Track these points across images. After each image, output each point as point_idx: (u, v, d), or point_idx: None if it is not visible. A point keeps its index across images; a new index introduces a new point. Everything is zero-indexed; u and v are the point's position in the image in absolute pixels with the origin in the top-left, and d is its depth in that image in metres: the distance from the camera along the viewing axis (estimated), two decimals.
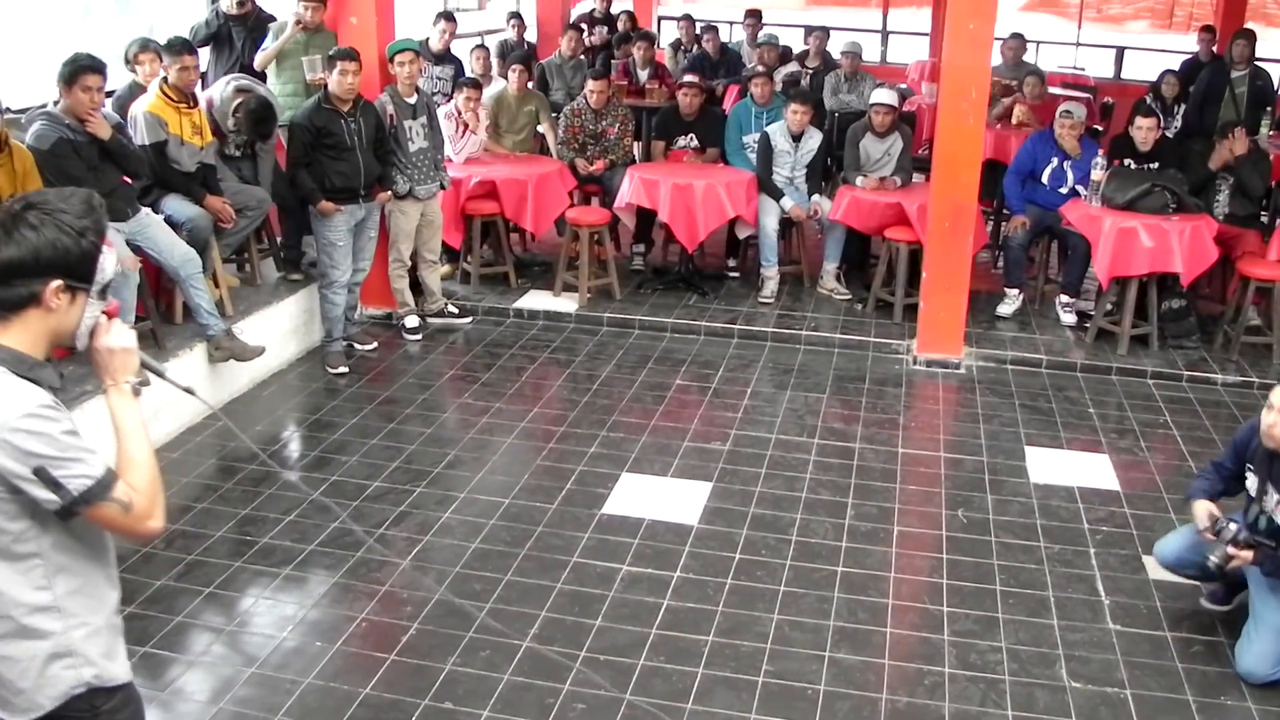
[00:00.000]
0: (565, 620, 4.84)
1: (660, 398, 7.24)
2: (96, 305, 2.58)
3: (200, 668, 4.54)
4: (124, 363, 2.62)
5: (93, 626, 2.63)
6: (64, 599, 2.57)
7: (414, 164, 7.83)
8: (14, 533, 2.47)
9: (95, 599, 2.65)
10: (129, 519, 2.51)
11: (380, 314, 8.36)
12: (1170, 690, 4.49)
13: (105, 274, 2.55)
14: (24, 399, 2.41)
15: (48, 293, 2.45)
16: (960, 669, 4.55)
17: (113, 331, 2.62)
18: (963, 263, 7.71)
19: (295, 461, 6.38)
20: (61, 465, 2.41)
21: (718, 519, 5.72)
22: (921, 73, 14.70)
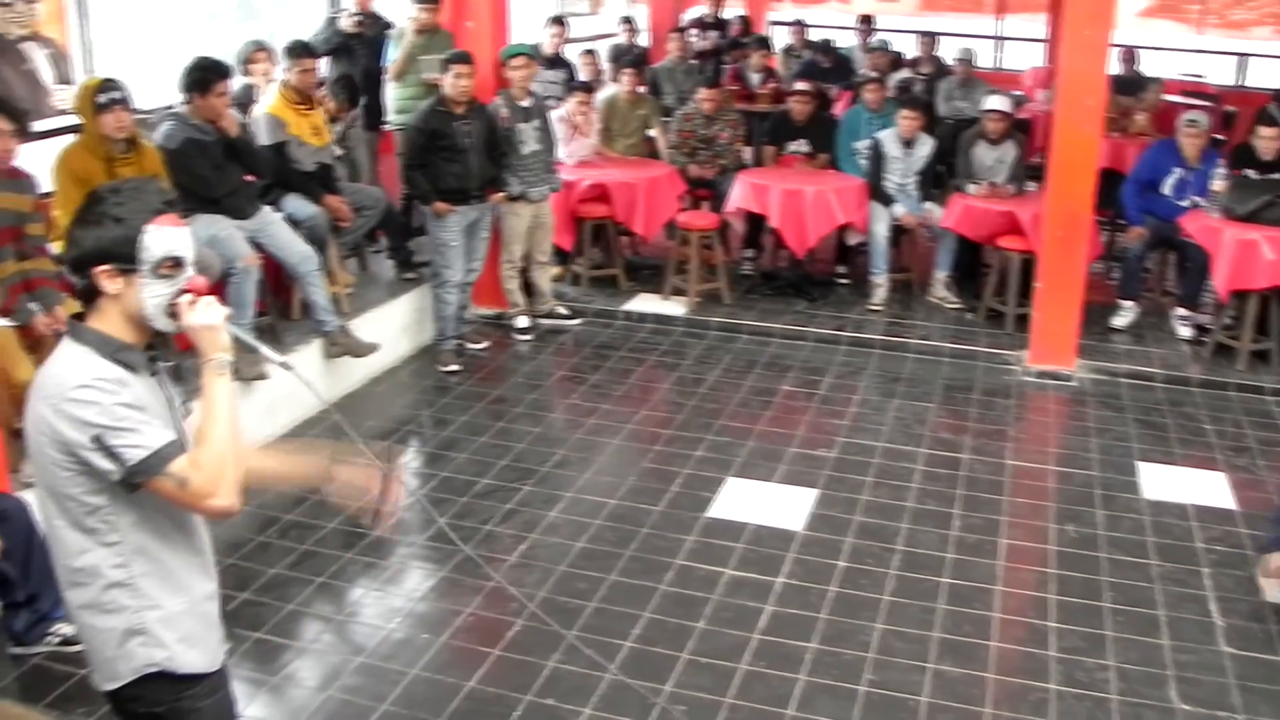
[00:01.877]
0: (668, 622, 4.87)
1: (767, 403, 7.24)
2: (162, 284, 2.61)
3: (310, 655, 4.65)
4: (210, 340, 2.66)
5: (168, 611, 2.69)
6: (139, 579, 2.65)
7: (527, 166, 7.93)
8: (93, 506, 2.58)
9: (174, 585, 2.71)
10: (187, 495, 2.55)
11: (491, 314, 8.48)
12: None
13: (153, 252, 2.57)
14: (82, 372, 2.53)
15: (99, 277, 2.57)
16: (1066, 686, 4.49)
17: (196, 310, 2.64)
18: (1077, 273, 7.59)
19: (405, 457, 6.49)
20: (117, 435, 2.49)
21: (823, 526, 5.71)
22: (1036, 79, 14.48)
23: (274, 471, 3.17)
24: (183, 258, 2.64)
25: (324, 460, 3.10)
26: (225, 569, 5.10)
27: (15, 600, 4.48)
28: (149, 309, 2.61)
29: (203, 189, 6.25)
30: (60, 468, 2.55)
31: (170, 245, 2.60)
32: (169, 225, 2.62)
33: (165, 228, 2.61)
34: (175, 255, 2.62)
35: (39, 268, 5.32)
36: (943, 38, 13.45)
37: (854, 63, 12.94)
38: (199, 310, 2.65)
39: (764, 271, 9.63)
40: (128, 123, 5.73)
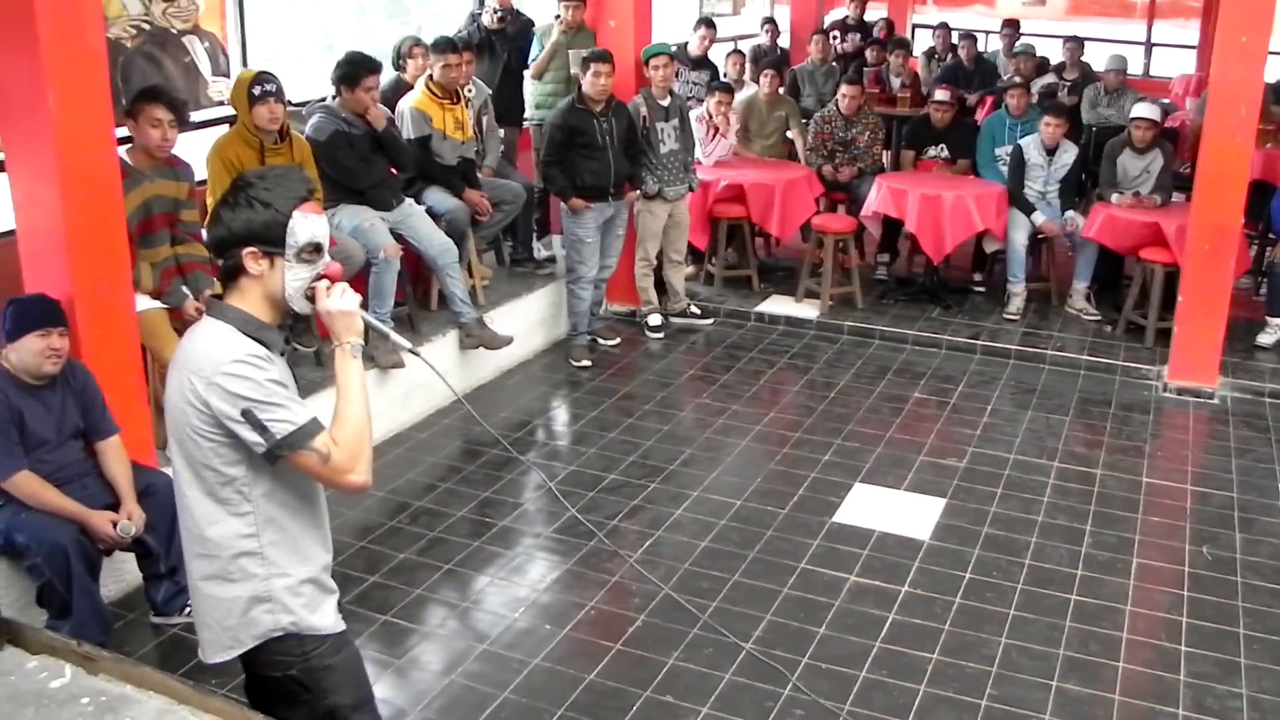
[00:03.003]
0: (789, 625, 4.87)
1: (898, 410, 7.19)
2: (304, 269, 2.74)
3: (435, 640, 4.76)
4: (345, 325, 2.78)
5: (294, 578, 2.83)
6: (268, 548, 2.79)
7: (664, 165, 7.98)
8: (230, 477, 2.72)
9: (300, 554, 2.85)
10: (327, 470, 2.69)
11: (624, 311, 8.55)
12: None
13: (298, 237, 2.70)
14: (235, 348, 2.66)
15: (245, 258, 2.70)
16: (1195, 712, 4.38)
17: (332, 295, 2.77)
18: (1223, 287, 7.38)
19: (535, 449, 6.59)
20: (266, 409, 2.63)
21: (950, 536, 5.65)
22: (1186, 87, 14.11)
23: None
24: (323, 244, 2.77)
25: None
26: (356, 552, 5.31)
27: (158, 572, 4.68)
28: (290, 291, 2.74)
29: (349, 180, 6.43)
30: (204, 438, 2.68)
31: (314, 232, 2.73)
32: (313, 213, 2.74)
33: (310, 215, 2.73)
34: (317, 241, 2.74)
35: (192, 252, 5.52)
36: (1089, 43, 13.15)
37: (998, 67, 12.74)
38: (335, 295, 2.78)
39: (899, 277, 9.56)
40: (280, 114, 5.91)
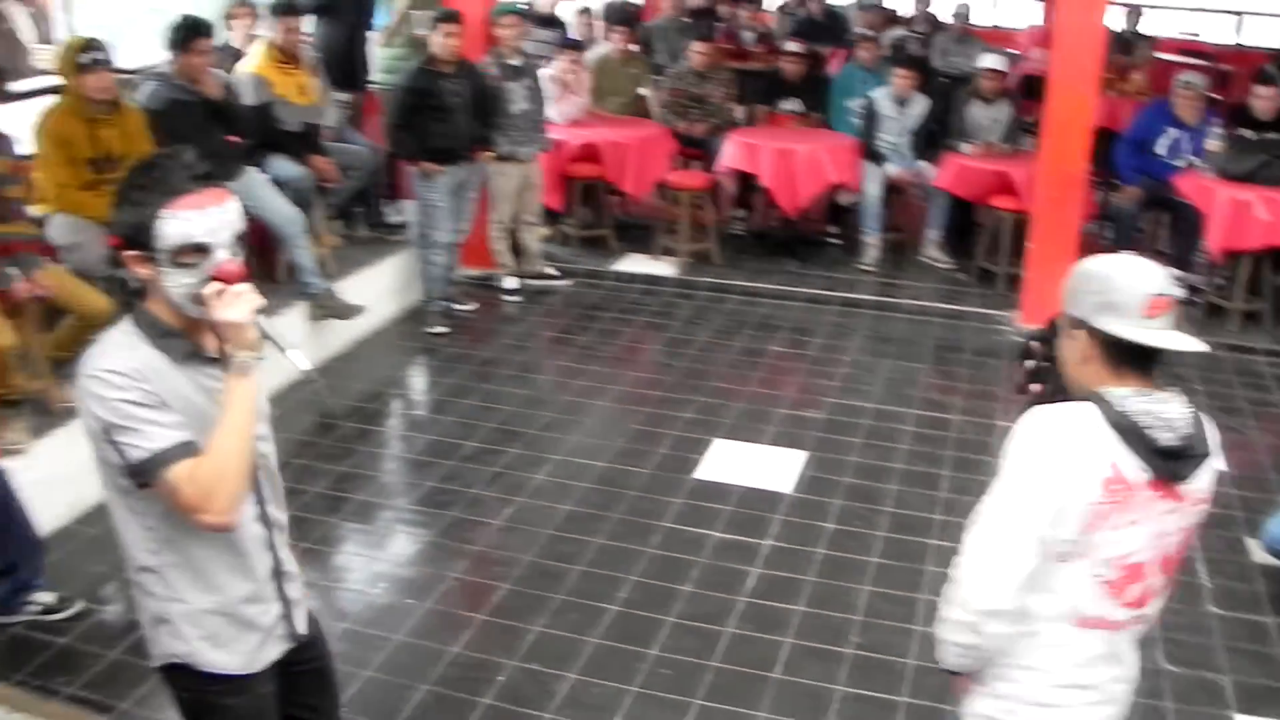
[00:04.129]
0: (654, 585, 4.84)
1: (757, 364, 7.20)
2: (182, 273, 2.38)
3: None
4: (235, 336, 2.41)
5: (194, 607, 2.57)
6: (168, 569, 2.53)
7: (516, 126, 7.84)
8: (126, 487, 2.45)
9: (204, 583, 2.56)
10: (179, 505, 2.39)
11: (479, 275, 8.40)
12: (1271, 677, 4.37)
13: (167, 240, 2.35)
14: (104, 359, 2.40)
15: (130, 263, 2.42)
16: None
17: (224, 301, 2.39)
18: (1070, 233, 7.52)
19: (392, 419, 6.45)
20: (120, 431, 2.35)
21: (811, 488, 5.68)
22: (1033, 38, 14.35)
23: None
24: (207, 244, 2.38)
25: None
26: None
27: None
28: (176, 299, 2.42)
29: None
30: (96, 439, 2.42)
31: (186, 231, 2.36)
32: (189, 209, 2.36)
33: (183, 212, 2.36)
34: (195, 242, 2.37)
35: (17, 231, 5.21)
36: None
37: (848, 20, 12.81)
38: (225, 303, 2.39)
39: (754, 231, 9.58)
40: (110, 83, 5.64)
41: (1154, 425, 2.24)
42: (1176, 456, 2.27)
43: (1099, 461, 2.25)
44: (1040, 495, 2.26)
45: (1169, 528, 2.33)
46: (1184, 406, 2.32)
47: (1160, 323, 2.28)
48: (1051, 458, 2.27)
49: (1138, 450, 2.25)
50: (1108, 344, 2.31)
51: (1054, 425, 2.31)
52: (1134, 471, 2.25)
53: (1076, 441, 2.26)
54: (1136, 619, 2.41)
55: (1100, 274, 2.33)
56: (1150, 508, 2.28)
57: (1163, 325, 2.29)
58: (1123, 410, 2.26)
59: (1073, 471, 2.25)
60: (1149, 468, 2.25)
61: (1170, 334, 2.30)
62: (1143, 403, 2.27)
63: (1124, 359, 2.31)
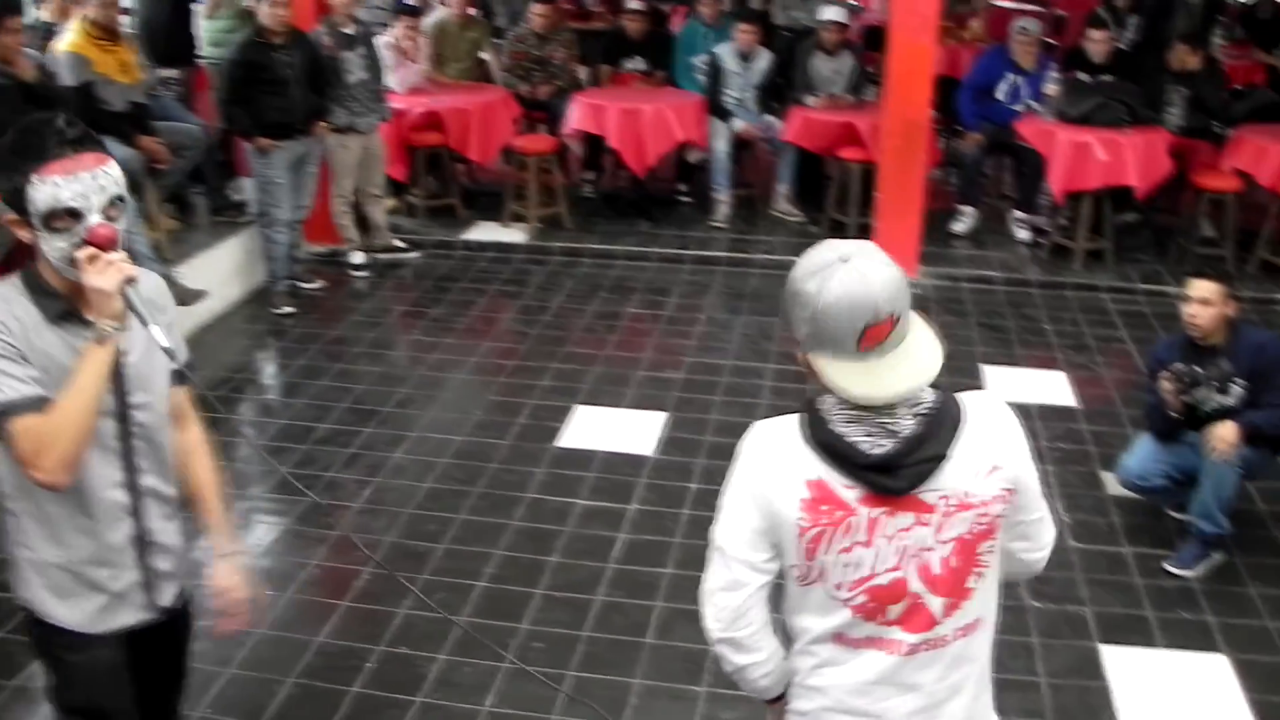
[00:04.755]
0: (521, 559, 4.76)
1: (613, 327, 7.14)
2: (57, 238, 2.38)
3: None
4: (99, 303, 2.39)
5: (39, 557, 2.59)
6: (21, 516, 2.58)
7: (353, 96, 7.62)
8: None
9: (54, 538, 2.58)
10: (14, 457, 2.41)
11: (325, 251, 8.18)
12: (1130, 606, 4.48)
13: (36, 204, 2.35)
14: None
15: (10, 226, 2.44)
16: None
17: (94, 268, 2.38)
18: (916, 181, 7.61)
19: (243, 406, 6.24)
20: None
21: (674, 449, 5.64)
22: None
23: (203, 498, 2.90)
24: (79, 208, 2.37)
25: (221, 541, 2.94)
26: None
27: None
28: (54, 262, 2.42)
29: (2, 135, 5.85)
30: None
31: (56, 196, 2.35)
32: (56, 174, 2.35)
33: (51, 177, 2.35)
34: (66, 206, 2.37)
35: None
36: None
37: None
38: (95, 269, 2.37)
39: (604, 193, 9.51)
40: None
41: (867, 433, 2.00)
42: (888, 468, 2.00)
43: (793, 483, 2.04)
44: (737, 522, 2.11)
45: (921, 543, 2.05)
46: (916, 403, 2.04)
47: (880, 351, 1.99)
48: (746, 481, 2.11)
49: (839, 465, 2.01)
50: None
51: (754, 443, 2.14)
52: (840, 488, 2.02)
53: (770, 461, 2.08)
54: (926, 642, 2.12)
55: (807, 300, 2.01)
56: (881, 526, 2.03)
57: (884, 351, 1.99)
58: (828, 419, 2.04)
59: (766, 495, 2.07)
60: (856, 483, 2.02)
61: (892, 369, 1.99)
62: (855, 410, 2.02)
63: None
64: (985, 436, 2.08)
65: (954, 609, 2.11)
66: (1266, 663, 4.20)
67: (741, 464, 2.14)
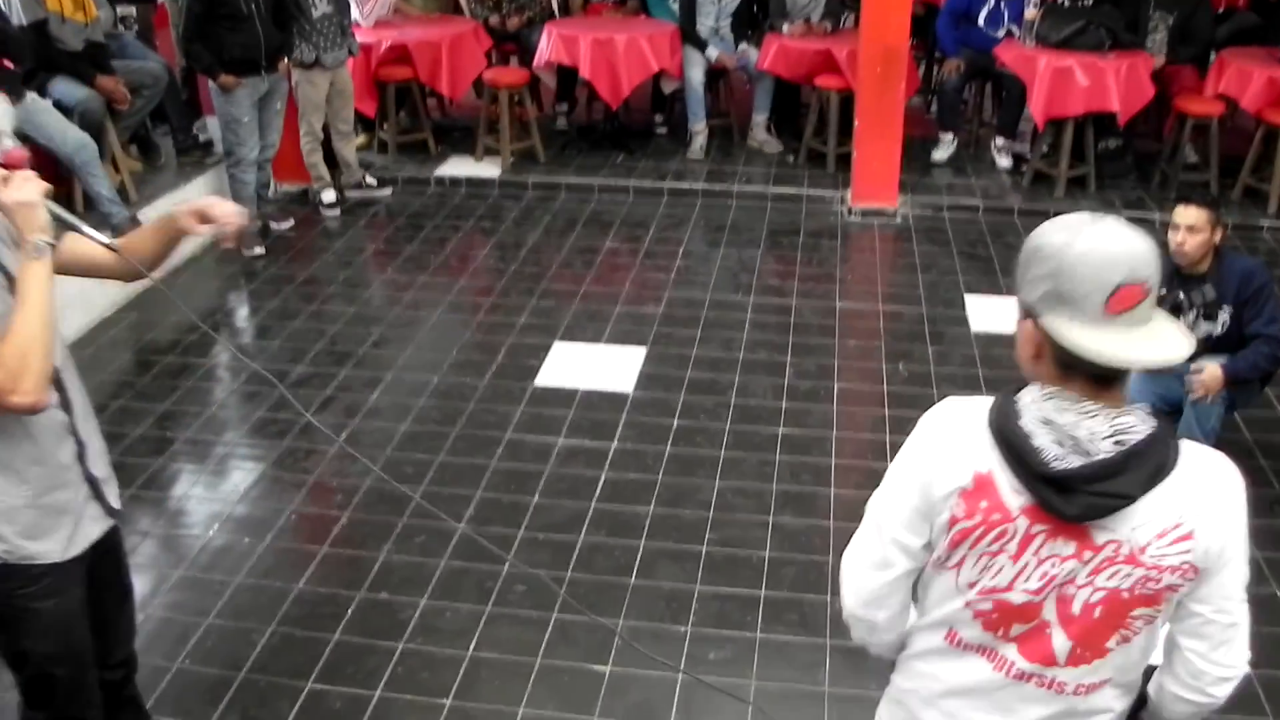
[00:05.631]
0: (501, 500, 4.70)
1: (590, 262, 7.04)
2: None
3: None
4: (25, 220, 2.40)
5: (6, 504, 2.56)
6: None
7: (319, 30, 7.42)
8: None
9: (13, 478, 2.56)
10: None
11: (296, 190, 8.04)
12: None
13: None
14: None
15: None
16: None
17: (11, 186, 2.40)
18: (895, 109, 7.50)
19: (216, 350, 6.13)
20: None
21: (654, 385, 5.57)
22: None
23: (151, 250, 2.83)
24: None
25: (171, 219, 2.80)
26: None
27: None
28: None
29: None
30: None
31: None
32: None
33: None
34: None
35: None
36: None
37: None
38: (12, 187, 2.40)
39: (579, 126, 9.38)
40: None
41: (1057, 440, 1.78)
42: (1065, 487, 1.77)
43: (959, 468, 1.86)
44: (898, 497, 1.94)
45: (1072, 577, 1.84)
46: (1116, 427, 1.78)
47: (1128, 320, 1.76)
48: (915, 455, 1.93)
49: (1013, 467, 1.81)
50: (1058, 346, 1.79)
51: (934, 417, 1.94)
52: (1008, 491, 1.83)
53: (944, 439, 1.90)
54: (1039, 677, 1.94)
55: (1053, 251, 1.78)
56: (1036, 545, 1.84)
57: (1132, 323, 1.76)
58: (1019, 413, 1.82)
59: (930, 473, 1.89)
60: (1029, 491, 1.81)
61: (1141, 341, 1.77)
62: (1058, 408, 1.80)
63: (1077, 367, 1.79)
64: (1189, 496, 1.80)
65: (1082, 660, 1.91)
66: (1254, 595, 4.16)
67: (915, 436, 1.95)
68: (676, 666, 3.76)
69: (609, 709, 3.63)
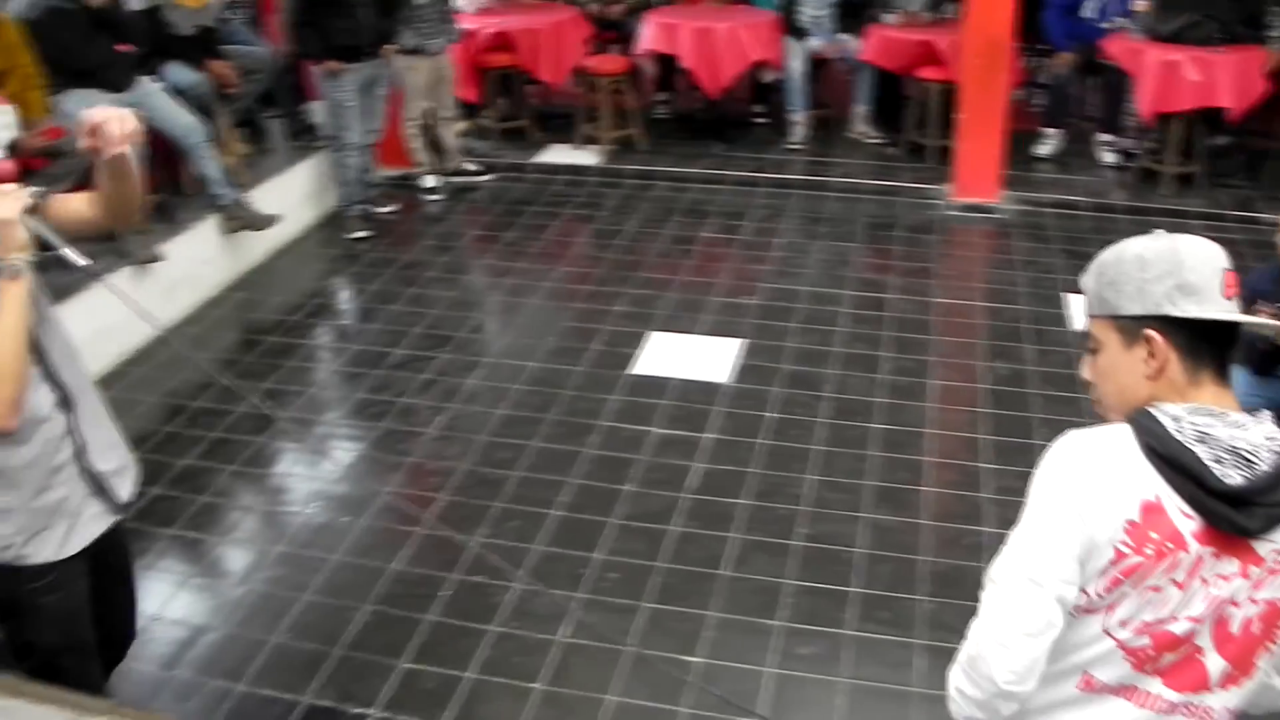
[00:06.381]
0: (596, 487, 4.73)
1: (687, 251, 7.05)
2: None
3: (228, 547, 4.49)
4: (6, 237, 2.38)
5: (3, 507, 2.60)
6: None
7: (421, 17, 7.52)
8: None
9: (10, 483, 2.59)
10: None
11: (397, 175, 8.14)
12: None
13: None
14: None
15: None
16: (1001, 529, 4.40)
17: None
18: (999, 102, 7.39)
19: (317, 330, 6.24)
20: None
21: (749, 377, 5.57)
22: None
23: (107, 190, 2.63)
24: None
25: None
26: None
27: None
28: None
29: (71, 61, 5.85)
30: None
31: None
32: None
33: None
34: None
35: None
36: None
37: None
38: None
39: (678, 114, 9.38)
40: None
41: (1216, 457, 1.71)
42: (1241, 502, 1.70)
43: (1123, 500, 1.74)
44: (1054, 548, 1.76)
45: (1234, 595, 1.77)
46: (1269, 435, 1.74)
47: (1236, 304, 1.79)
48: (1066, 497, 1.77)
49: (1183, 489, 1.72)
50: (1191, 338, 1.77)
51: (1074, 453, 1.80)
52: (1178, 516, 1.73)
53: (1099, 473, 1.76)
54: (1189, 706, 1.84)
55: (1158, 255, 1.79)
56: (1204, 566, 1.75)
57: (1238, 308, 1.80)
58: (1172, 433, 1.73)
59: (1090, 512, 1.74)
60: (1199, 513, 1.72)
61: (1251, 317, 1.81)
62: (1208, 424, 1.73)
63: (1207, 357, 1.78)
64: None
65: (1232, 682, 1.83)
66: None
67: (1057, 477, 1.79)
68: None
69: (699, 700, 3.64)
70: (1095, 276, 1.89)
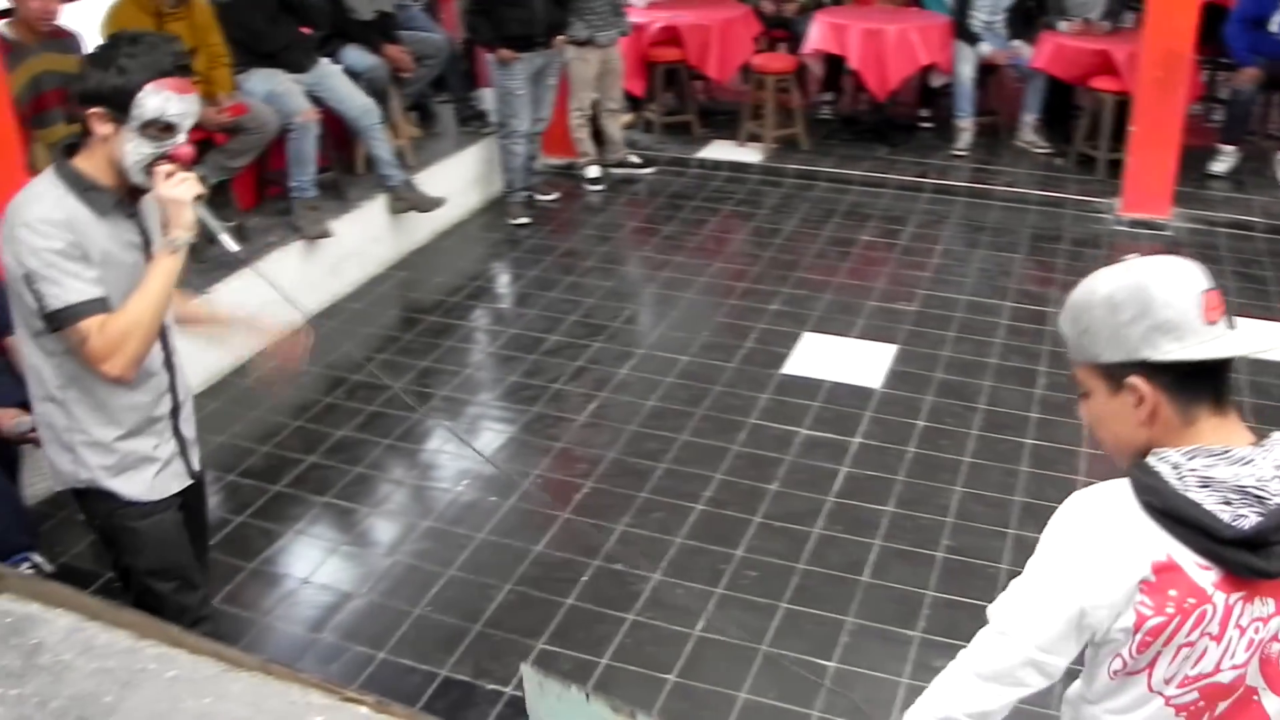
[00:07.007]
0: (740, 484, 4.75)
1: (845, 254, 7.01)
2: (146, 144, 2.61)
3: (378, 518, 4.62)
4: (174, 215, 2.67)
5: (95, 439, 2.81)
6: (71, 403, 2.78)
7: (594, 9, 7.61)
8: (39, 329, 2.68)
9: (108, 417, 2.81)
10: (85, 352, 2.62)
11: (561, 164, 8.26)
12: None
13: (144, 110, 2.58)
14: (36, 209, 2.58)
15: (90, 118, 2.61)
16: None
17: (171, 181, 2.65)
18: (1175, 115, 7.18)
19: (475, 312, 6.38)
20: (42, 280, 2.56)
21: (902, 383, 5.52)
22: None
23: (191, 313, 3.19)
24: (175, 124, 2.64)
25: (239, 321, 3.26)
26: (293, 432, 5.13)
27: None
28: (128, 162, 2.64)
29: (257, 43, 6.07)
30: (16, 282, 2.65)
31: (164, 109, 2.61)
32: (172, 90, 2.62)
33: (166, 91, 2.61)
34: (167, 120, 2.62)
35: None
36: None
37: None
38: (172, 182, 2.65)
39: (843, 115, 9.31)
40: None
41: (1224, 499, 1.64)
42: (1259, 544, 1.62)
43: (1133, 564, 1.67)
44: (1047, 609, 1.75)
45: (1274, 632, 1.72)
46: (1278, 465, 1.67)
47: (1224, 325, 1.70)
48: (1070, 560, 1.73)
49: (1193, 542, 1.65)
50: (1178, 378, 1.70)
51: (1078, 516, 1.75)
52: (1194, 570, 1.66)
53: (1104, 537, 1.70)
54: None
55: (1128, 294, 1.70)
56: (1236, 614, 1.68)
57: (1226, 328, 1.71)
58: (1172, 484, 1.67)
59: (1098, 578, 1.69)
60: (1215, 564, 1.66)
61: (1242, 337, 1.72)
62: (1209, 465, 1.66)
63: (1200, 391, 1.72)
64: None
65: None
66: None
67: (1062, 539, 1.76)
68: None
69: (831, 705, 3.64)
70: (1070, 322, 1.80)
